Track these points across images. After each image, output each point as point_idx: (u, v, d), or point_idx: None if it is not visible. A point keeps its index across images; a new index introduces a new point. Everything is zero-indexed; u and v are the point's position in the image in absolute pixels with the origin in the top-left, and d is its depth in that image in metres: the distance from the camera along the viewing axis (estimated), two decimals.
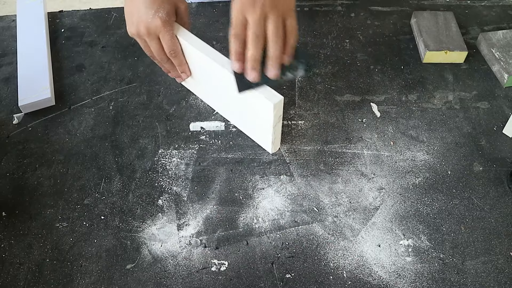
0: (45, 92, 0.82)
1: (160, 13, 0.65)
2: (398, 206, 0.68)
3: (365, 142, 0.75)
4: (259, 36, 0.60)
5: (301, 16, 0.95)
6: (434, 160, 0.73)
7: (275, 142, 0.72)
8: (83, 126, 0.79)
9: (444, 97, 0.81)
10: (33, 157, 0.75)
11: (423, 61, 0.86)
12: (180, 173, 0.73)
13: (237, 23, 0.61)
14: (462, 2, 0.96)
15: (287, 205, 0.69)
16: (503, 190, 0.69)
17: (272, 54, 0.61)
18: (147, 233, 0.67)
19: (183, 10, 0.70)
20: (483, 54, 0.86)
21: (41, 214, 0.69)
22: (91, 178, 0.72)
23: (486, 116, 0.78)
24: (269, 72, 0.62)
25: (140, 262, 0.64)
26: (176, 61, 0.72)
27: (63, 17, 0.98)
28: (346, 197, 0.69)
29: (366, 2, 0.97)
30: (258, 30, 0.60)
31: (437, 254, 0.63)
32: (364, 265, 0.63)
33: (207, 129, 0.78)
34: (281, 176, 0.72)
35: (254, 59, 0.61)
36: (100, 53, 0.90)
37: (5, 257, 0.65)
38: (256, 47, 0.61)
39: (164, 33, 0.67)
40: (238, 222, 0.67)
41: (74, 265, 0.64)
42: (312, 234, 0.66)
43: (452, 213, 0.67)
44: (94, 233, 0.67)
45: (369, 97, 0.81)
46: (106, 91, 0.84)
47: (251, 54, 0.61)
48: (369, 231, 0.66)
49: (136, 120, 0.80)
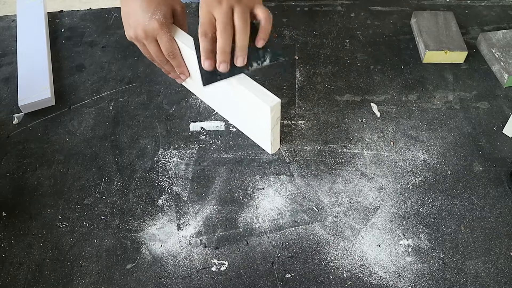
0: (45, 92, 0.82)
1: (157, 15, 0.66)
2: (398, 206, 0.68)
3: (365, 142, 0.75)
4: (226, 26, 0.61)
5: (301, 16, 0.95)
6: (434, 160, 0.73)
7: (274, 142, 0.72)
8: (83, 126, 0.79)
9: (444, 97, 0.81)
10: (33, 157, 0.75)
11: (423, 61, 0.86)
12: (180, 173, 0.73)
13: (205, 21, 0.62)
14: (462, 2, 0.96)
15: (287, 205, 0.69)
16: (503, 190, 0.69)
17: (240, 44, 0.62)
18: (147, 233, 0.67)
19: (180, 12, 0.70)
20: (483, 54, 0.86)
21: (41, 214, 0.69)
22: (91, 178, 0.73)
23: (486, 116, 0.78)
24: (237, 61, 0.63)
25: (140, 262, 0.64)
26: (175, 63, 0.72)
27: (63, 17, 0.98)
28: (346, 197, 0.69)
29: (366, 2, 0.97)
30: (225, 20, 0.61)
31: (437, 254, 0.63)
32: (364, 265, 0.63)
33: (207, 129, 0.78)
34: (281, 176, 0.72)
35: (223, 51, 0.62)
36: (100, 53, 0.90)
37: (5, 257, 0.65)
38: (225, 38, 0.61)
39: (162, 35, 0.67)
40: (238, 222, 0.67)
41: (74, 265, 0.64)
42: (312, 234, 0.66)
43: (452, 213, 0.67)
44: (94, 233, 0.67)
45: (369, 97, 0.81)
46: (106, 91, 0.84)
47: (220, 47, 0.62)
48: (369, 231, 0.66)
49: (136, 120, 0.80)
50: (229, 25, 0.61)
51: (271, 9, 0.95)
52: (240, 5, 0.62)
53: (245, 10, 0.62)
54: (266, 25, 0.64)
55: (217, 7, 0.62)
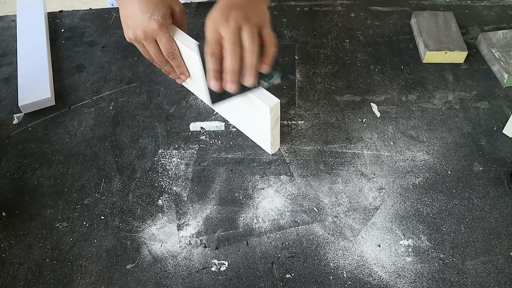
0: (45, 92, 0.82)
1: (155, 16, 0.65)
2: (398, 206, 0.68)
3: (365, 142, 0.75)
4: (235, 45, 0.59)
5: (301, 16, 0.95)
6: (434, 160, 0.73)
7: (274, 143, 0.72)
8: (83, 126, 0.79)
9: (444, 97, 0.81)
10: (33, 157, 0.75)
11: (423, 61, 0.86)
12: (180, 173, 0.73)
13: (212, 41, 0.61)
14: (462, 2, 0.96)
15: (287, 205, 0.69)
16: (503, 190, 0.69)
17: (249, 62, 0.60)
18: (147, 233, 0.67)
19: (179, 12, 0.70)
20: (483, 54, 0.86)
21: (41, 214, 0.69)
22: (91, 178, 0.73)
23: (486, 116, 0.78)
24: (246, 81, 0.62)
25: (140, 262, 0.64)
26: (175, 63, 0.72)
27: (63, 17, 0.98)
28: (346, 197, 0.69)
29: (366, 2, 0.97)
30: (233, 39, 0.59)
31: (437, 254, 0.63)
32: (364, 265, 0.63)
33: (207, 129, 0.78)
34: (281, 176, 0.72)
35: (233, 71, 0.60)
36: (100, 53, 0.90)
37: (5, 257, 0.65)
38: (233, 57, 0.60)
39: (161, 36, 0.67)
40: (238, 222, 0.67)
41: (74, 265, 0.64)
42: (312, 234, 0.66)
43: (452, 213, 0.67)
44: (94, 233, 0.67)
45: (369, 97, 0.81)
46: (106, 91, 0.84)
47: (229, 66, 0.60)
48: (369, 231, 0.66)
49: (136, 120, 0.80)
50: (237, 44, 0.60)
51: (271, 9, 0.95)
52: (248, 24, 0.60)
53: (253, 30, 0.60)
54: (270, 50, 0.62)
55: (224, 25, 0.60)
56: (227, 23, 0.60)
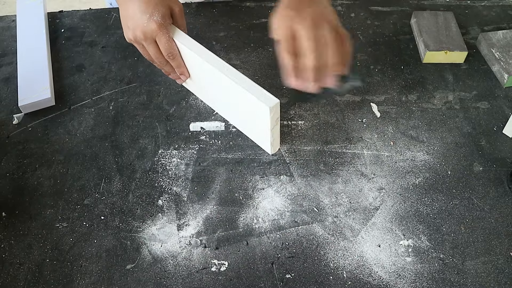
0: (45, 92, 0.82)
1: (155, 16, 0.65)
2: (398, 206, 0.68)
3: (365, 142, 0.75)
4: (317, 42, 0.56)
5: None
6: (434, 160, 0.73)
7: (274, 143, 0.72)
8: (83, 126, 0.79)
9: (444, 97, 0.81)
10: (33, 157, 0.75)
11: (423, 61, 0.86)
12: (180, 173, 0.73)
13: (287, 38, 0.58)
14: (462, 2, 0.96)
15: (287, 205, 0.69)
16: (503, 190, 0.69)
17: (333, 61, 0.58)
18: (147, 233, 0.67)
19: (178, 13, 0.70)
20: (483, 54, 0.86)
21: (41, 214, 0.69)
22: (91, 178, 0.73)
23: (486, 116, 0.78)
24: (328, 81, 0.59)
25: (140, 262, 0.64)
26: (175, 64, 0.72)
27: (63, 17, 0.98)
28: (346, 197, 0.69)
29: (366, 2, 0.97)
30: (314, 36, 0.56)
31: (437, 254, 0.63)
32: (364, 265, 0.63)
33: (207, 129, 0.78)
34: (281, 176, 0.72)
35: (315, 69, 0.57)
36: (100, 53, 0.90)
37: (5, 257, 0.65)
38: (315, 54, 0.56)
39: (161, 36, 0.67)
40: (238, 222, 0.67)
41: (74, 265, 0.64)
42: (312, 234, 0.66)
43: (452, 213, 0.67)
44: (94, 233, 0.67)
45: (369, 97, 0.81)
46: (106, 91, 0.84)
47: (311, 63, 0.57)
48: (369, 231, 0.66)
49: (136, 120, 0.80)
50: (319, 41, 0.56)
51: (271, 9, 0.95)
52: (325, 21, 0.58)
53: (332, 27, 0.58)
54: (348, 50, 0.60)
55: (299, 21, 0.57)
56: (303, 19, 0.57)
